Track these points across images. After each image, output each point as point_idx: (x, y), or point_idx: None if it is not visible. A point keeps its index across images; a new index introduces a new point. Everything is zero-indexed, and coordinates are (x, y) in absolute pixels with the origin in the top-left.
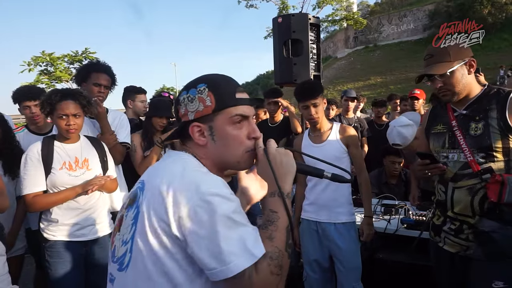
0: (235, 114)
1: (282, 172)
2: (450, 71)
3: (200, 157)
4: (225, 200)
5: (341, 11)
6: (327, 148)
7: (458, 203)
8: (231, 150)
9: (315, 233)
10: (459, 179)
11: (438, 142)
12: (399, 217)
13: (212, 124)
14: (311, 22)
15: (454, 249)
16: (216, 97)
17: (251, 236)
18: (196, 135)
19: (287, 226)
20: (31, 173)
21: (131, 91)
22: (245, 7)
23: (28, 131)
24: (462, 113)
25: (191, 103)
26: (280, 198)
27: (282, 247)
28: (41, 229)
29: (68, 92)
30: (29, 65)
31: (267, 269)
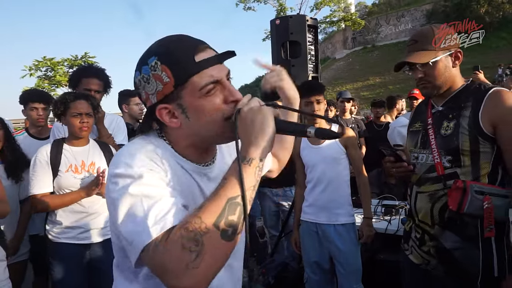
0: (203, 84)
1: (251, 133)
2: (433, 61)
3: (172, 140)
4: (125, 178)
5: (339, 12)
6: (325, 149)
7: (420, 209)
8: (208, 123)
9: (315, 234)
10: (423, 183)
11: (412, 141)
12: (399, 217)
13: (180, 101)
14: (309, 24)
15: (417, 261)
16: (173, 69)
17: (156, 209)
18: (166, 118)
19: (232, 197)
20: (39, 174)
21: (125, 95)
22: (243, 9)
23: (28, 135)
24: (439, 109)
25: (147, 84)
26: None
27: (209, 220)
28: (46, 231)
29: (81, 93)
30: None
31: (178, 241)
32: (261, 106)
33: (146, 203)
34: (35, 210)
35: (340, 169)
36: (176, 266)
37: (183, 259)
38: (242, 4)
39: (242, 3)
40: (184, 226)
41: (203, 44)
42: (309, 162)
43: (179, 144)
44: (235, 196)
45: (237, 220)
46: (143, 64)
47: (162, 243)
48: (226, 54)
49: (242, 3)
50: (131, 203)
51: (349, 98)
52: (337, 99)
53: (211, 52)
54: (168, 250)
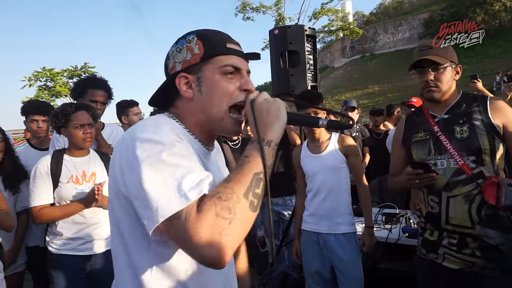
0: (225, 63)
1: (268, 120)
2: (445, 65)
3: (181, 115)
4: (157, 144)
5: (337, 21)
6: (326, 158)
7: (455, 213)
8: (216, 102)
9: (316, 244)
10: (453, 187)
11: (422, 150)
12: (400, 226)
13: (200, 74)
14: (307, 34)
15: (457, 266)
16: (205, 44)
17: (190, 178)
18: (183, 87)
19: (257, 172)
20: (39, 185)
21: (123, 106)
22: (242, 19)
23: (29, 146)
24: (444, 117)
25: (179, 53)
26: (258, 144)
27: (240, 190)
28: (46, 242)
29: (81, 104)
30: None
31: (211, 209)
32: (275, 98)
33: (179, 172)
34: (35, 222)
35: (341, 178)
36: (210, 233)
37: (217, 226)
38: (241, 14)
39: (241, 13)
40: (217, 195)
41: (235, 41)
42: (309, 171)
43: (187, 120)
44: (259, 171)
45: (260, 193)
46: (181, 38)
47: (195, 210)
48: (252, 54)
49: (241, 13)
50: (164, 170)
51: (354, 107)
52: (342, 107)
53: (240, 48)
54: (202, 217)
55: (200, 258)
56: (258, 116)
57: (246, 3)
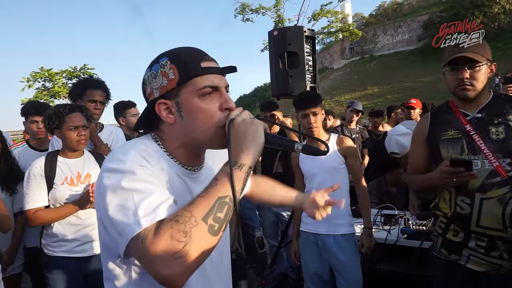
0: (202, 86)
1: (244, 142)
2: (482, 63)
3: (164, 139)
4: (118, 173)
5: (337, 23)
6: (324, 159)
7: (488, 215)
8: (200, 125)
9: (314, 245)
10: (488, 189)
11: (454, 148)
12: (399, 227)
13: (179, 99)
14: (307, 35)
15: (482, 268)
16: (179, 68)
17: (146, 203)
18: (163, 113)
19: (222, 196)
20: (33, 188)
21: (120, 108)
22: (242, 20)
23: (28, 147)
24: (476, 116)
25: (154, 79)
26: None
27: (198, 214)
28: (42, 245)
29: (75, 105)
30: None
31: (166, 231)
32: (254, 119)
33: (137, 197)
34: (30, 225)
35: (340, 178)
36: (164, 255)
37: (171, 249)
38: (240, 15)
39: (240, 15)
40: (174, 218)
41: (209, 57)
42: (308, 172)
43: (170, 144)
44: (224, 195)
45: (223, 217)
46: (154, 63)
47: (152, 233)
48: (228, 68)
49: (241, 14)
50: (122, 196)
51: (359, 111)
52: (347, 107)
53: (215, 64)
54: (158, 239)
55: (157, 276)
56: (234, 138)
57: (246, 5)
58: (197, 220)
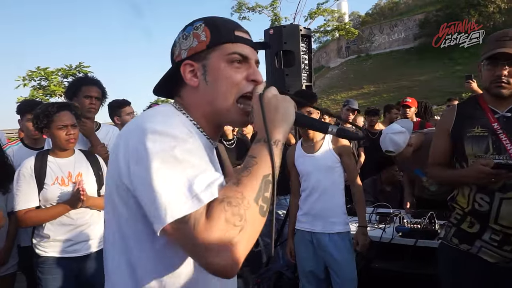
0: (233, 51)
1: (276, 118)
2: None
3: (187, 107)
4: (169, 138)
5: (333, 21)
6: (320, 158)
7: (506, 215)
8: (222, 93)
9: (310, 244)
10: (509, 189)
11: (479, 146)
12: (394, 225)
13: (206, 62)
14: (302, 33)
15: (492, 259)
16: (212, 31)
17: (202, 179)
18: (188, 75)
19: (266, 175)
20: (24, 189)
21: (115, 107)
22: (238, 19)
23: (23, 145)
24: (506, 115)
25: (185, 40)
26: (265, 144)
27: (250, 195)
28: (33, 245)
29: (63, 103)
30: (23, 80)
31: (220, 215)
32: (285, 95)
33: (192, 171)
34: (21, 226)
35: (335, 177)
36: (220, 242)
37: (228, 234)
38: (237, 13)
39: (237, 13)
40: (227, 200)
41: (245, 29)
42: (303, 170)
43: (193, 112)
44: (268, 174)
45: (269, 196)
46: (189, 25)
47: (204, 217)
48: (262, 44)
49: (237, 12)
50: (176, 167)
51: (355, 109)
52: (343, 106)
53: (249, 37)
54: (212, 225)
55: (208, 267)
56: (266, 113)
57: (242, 3)
58: (249, 202)
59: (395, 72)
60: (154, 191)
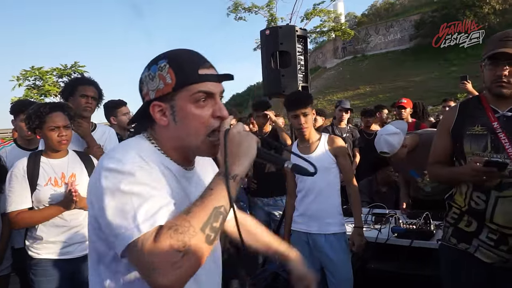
0: (197, 90)
1: (238, 153)
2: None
3: (158, 139)
4: (117, 174)
5: (329, 22)
6: (315, 159)
7: (502, 214)
8: (192, 131)
9: (305, 244)
10: (505, 188)
11: (477, 145)
12: (389, 226)
13: (173, 103)
14: (298, 34)
15: (489, 260)
16: (177, 73)
17: (145, 208)
18: (157, 115)
19: (217, 206)
20: (16, 190)
21: (110, 107)
22: (234, 19)
23: (16, 146)
24: (506, 114)
25: (151, 81)
26: (224, 178)
27: (197, 224)
28: (26, 247)
29: (56, 104)
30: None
31: (166, 240)
32: (249, 132)
33: (136, 201)
34: (14, 228)
35: (331, 178)
36: (163, 264)
37: (170, 258)
38: (233, 14)
39: (233, 13)
40: (173, 227)
41: (208, 63)
42: None
43: (165, 144)
44: (220, 205)
45: (219, 226)
46: (153, 64)
47: (152, 240)
48: (225, 76)
49: (233, 13)
50: (121, 199)
51: (348, 108)
52: (335, 107)
53: (213, 71)
54: (157, 248)
55: (153, 285)
56: (230, 148)
57: (238, 3)
58: (195, 230)
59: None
60: (108, 223)
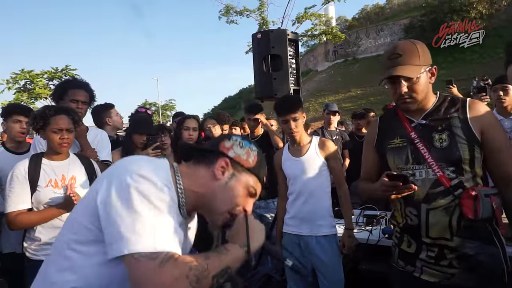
0: (254, 186)
1: (253, 236)
2: (418, 76)
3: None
4: (149, 182)
5: (320, 25)
6: (306, 161)
7: (435, 226)
8: (226, 202)
9: (297, 246)
10: (433, 199)
11: (399, 158)
12: (380, 227)
13: (237, 173)
14: (290, 38)
15: (435, 278)
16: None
17: (164, 228)
18: (219, 167)
19: (228, 267)
20: (16, 190)
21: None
22: (226, 22)
23: (5, 149)
24: (421, 123)
25: (240, 148)
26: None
27: (212, 270)
28: (24, 248)
29: (62, 107)
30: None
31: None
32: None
33: (160, 218)
34: (11, 228)
35: (322, 180)
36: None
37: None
38: (224, 17)
39: (224, 16)
40: (193, 263)
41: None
42: (290, 174)
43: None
44: (230, 267)
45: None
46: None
47: (172, 262)
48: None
49: (225, 16)
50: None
51: (335, 111)
52: (323, 111)
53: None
54: (174, 272)
55: None
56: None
57: (230, 7)
58: (209, 274)
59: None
60: (121, 221)
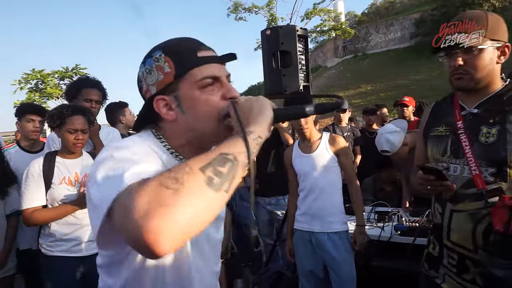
0: (201, 77)
1: (249, 118)
2: (480, 47)
3: (168, 136)
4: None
5: (329, 21)
6: (317, 158)
7: (457, 230)
8: (204, 117)
9: (308, 243)
10: (460, 200)
11: (437, 148)
12: (392, 224)
13: (177, 93)
14: (299, 34)
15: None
16: (175, 60)
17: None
18: (162, 110)
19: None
20: (31, 187)
21: (117, 108)
22: (234, 19)
23: (19, 148)
24: (472, 112)
25: (149, 75)
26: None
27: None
28: (40, 245)
29: (79, 108)
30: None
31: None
32: (259, 96)
33: (128, 164)
34: (27, 225)
35: (332, 177)
36: (148, 204)
37: (158, 196)
38: (233, 14)
39: (233, 14)
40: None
41: (206, 46)
42: (301, 170)
43: (174, 142)
44: (227, 152)
45: (226, 173)
46: (147, 57)
47: (137, 185)
48: (227, 56)
49: (234, 13)
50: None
51: (344, 109)
52: None
53: (213, 53)
54: (141, 189)
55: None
56: (241, 115)
57: (239, 4)
58: (192, 168)
59: (391, 71)
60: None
